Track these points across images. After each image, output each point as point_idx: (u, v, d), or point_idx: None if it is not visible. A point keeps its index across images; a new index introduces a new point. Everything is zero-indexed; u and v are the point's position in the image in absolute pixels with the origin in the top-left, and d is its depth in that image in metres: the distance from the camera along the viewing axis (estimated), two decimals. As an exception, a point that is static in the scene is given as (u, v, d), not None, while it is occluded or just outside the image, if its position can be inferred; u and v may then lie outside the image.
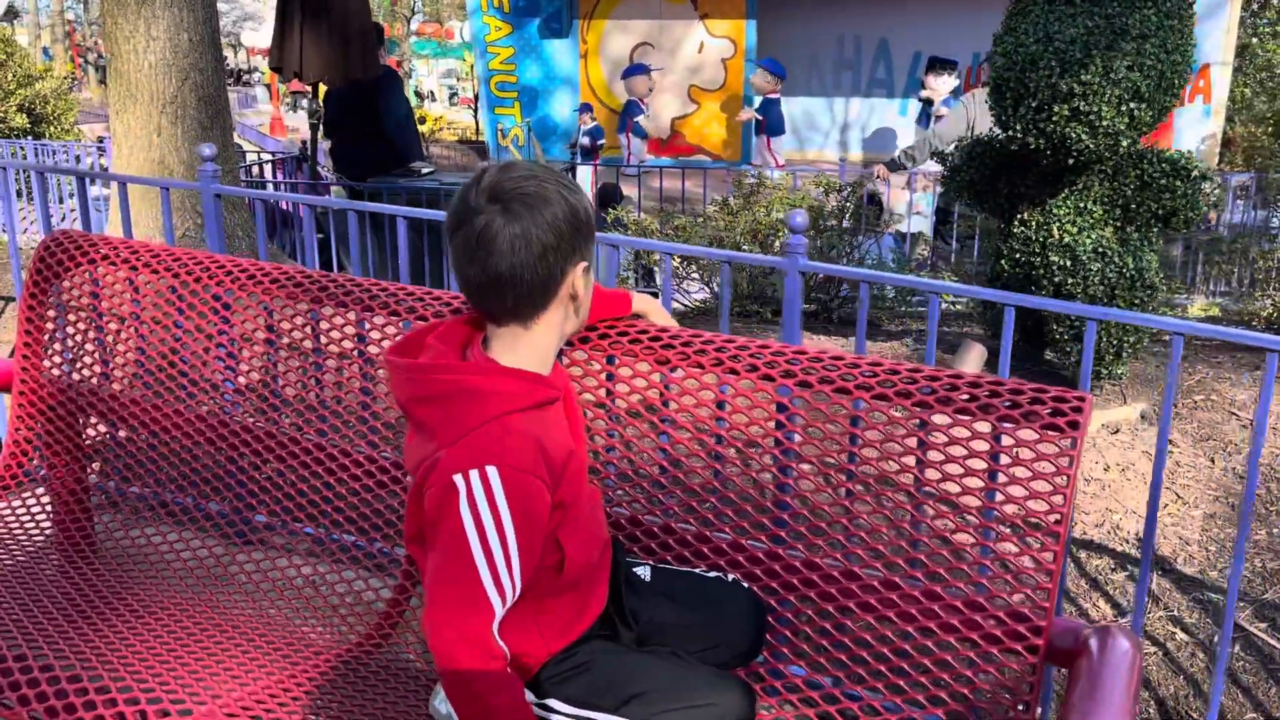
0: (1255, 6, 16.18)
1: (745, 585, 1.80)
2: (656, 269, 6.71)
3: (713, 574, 1.80)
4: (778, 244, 5.49)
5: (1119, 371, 3.25)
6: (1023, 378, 3.05)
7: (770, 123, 12.44)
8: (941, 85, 12.01)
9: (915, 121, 13.06)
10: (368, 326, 2.38)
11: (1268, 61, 15.11)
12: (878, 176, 7.02)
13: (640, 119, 12.34)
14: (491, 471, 1.27)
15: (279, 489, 2.39)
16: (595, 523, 1.59)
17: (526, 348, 1.42)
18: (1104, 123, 2.80)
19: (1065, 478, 1.71)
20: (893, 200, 7.11)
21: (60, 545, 2.69)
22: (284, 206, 7.40)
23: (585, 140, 12.35)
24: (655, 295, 6.48)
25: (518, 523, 1.28)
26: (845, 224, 5.13)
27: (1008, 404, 1.81)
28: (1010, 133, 2.99)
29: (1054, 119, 2.83)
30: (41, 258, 2.58)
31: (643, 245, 2.86)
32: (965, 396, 1.82)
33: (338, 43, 6.03)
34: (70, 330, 2.59)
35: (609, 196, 8.00)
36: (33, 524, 2.75)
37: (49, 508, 2.70)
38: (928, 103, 12.41)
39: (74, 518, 2.68)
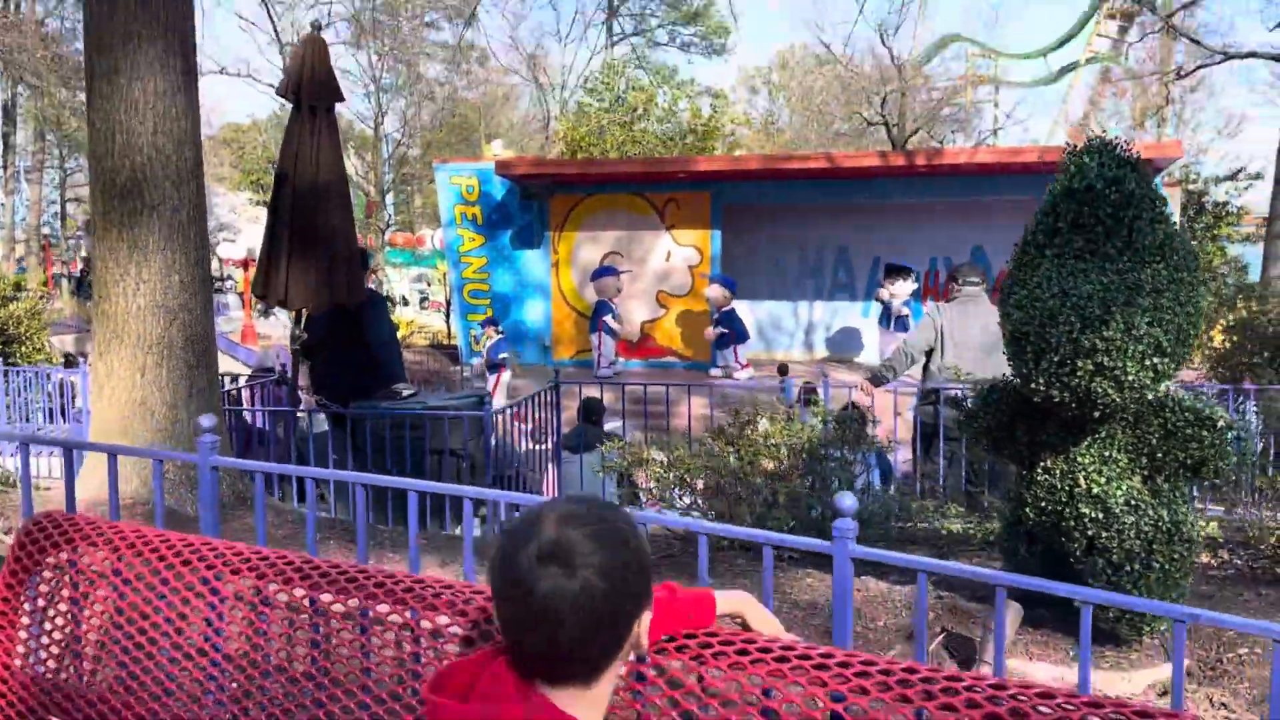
0: (1192, 212, 17.10)
1: None
2: (641, 493, 6.56)
3: None
4: (769, 465, 5.41)
5: (1161, 626, 3.11)
6: (1051, 611, 2.86)
7: (736, 331, 12.82)
8: (900, 289, 12.47)
9: (878, 323, 13.45)
10: (374, 619, 2.19)
11: (1209, 263, 15.83)
12: (861, 390, 7.06)
13: (608, 318, 12.64)
14: None
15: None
16: None
17: (588, 702, 1.29)
18: (1129, 377, 2.77)
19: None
20: (878, 413, 7.12)
21: None
22: (259, 424, 7.24)
23: (480, 360, 12.97)
24: (639, 507, 6.29)
25: None
26: (841, 451, 5.06)
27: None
28: (1033, 385, 2.96)
29: (1078, 374, 2.80)
30: (21, 544, 2.38)
31: (677, 524, 2.72)
32: (1055, 717, 1.66)
33: (324, 270, 6.05)
34: (48, 626, 2.37)
35: (592, 410, 7.95)
36: None
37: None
38: (886, 305, 12.86)
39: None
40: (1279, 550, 4.55)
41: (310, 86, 6.04)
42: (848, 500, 2.09)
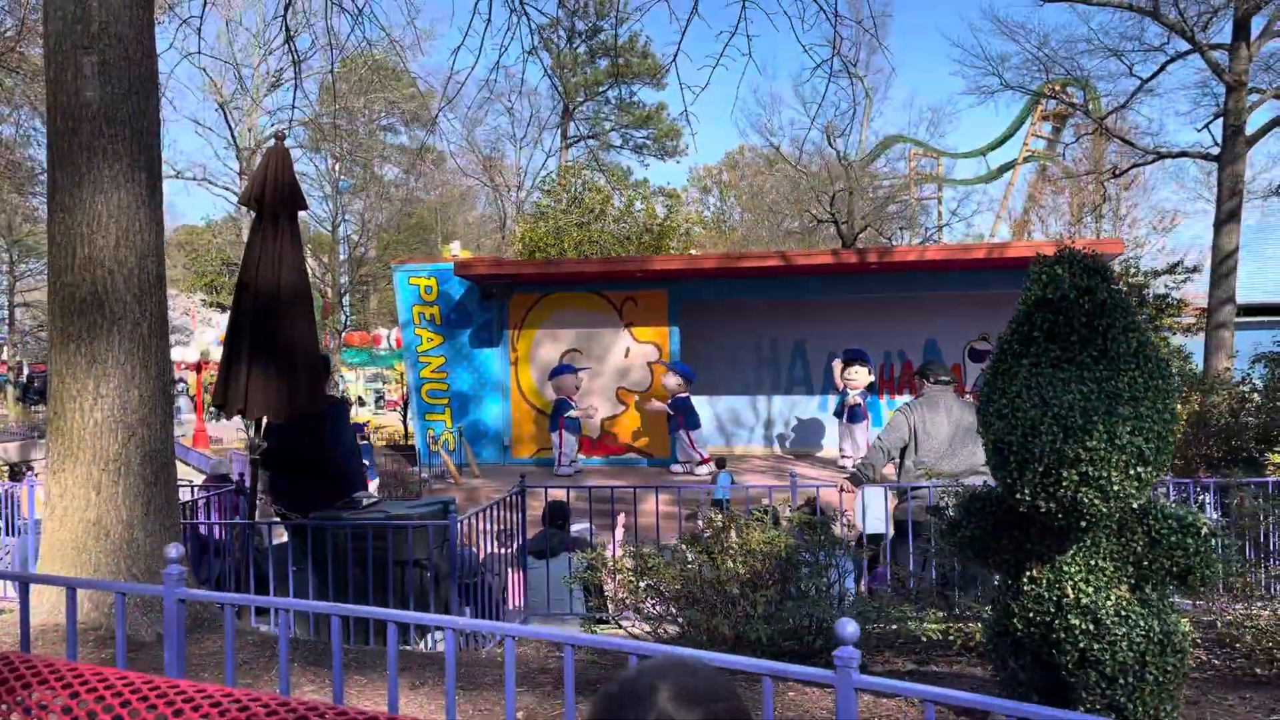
0: (1134, 304, 17.56)
1: None
2: (611, 602, 6.41)
3: None
4: (744, 573, 5.32)
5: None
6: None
7: (687, 418, 12.83)
8: (858, 378, 12.59)
9: (834, 414, 13.53)
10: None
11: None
12: (842, 490, 7.11)
13: (571, 413, 12.59)
14: None
15: None
16: None
17: None
18: (1114, 487, 2.78)
19: None
20: (849, 510, 7.10)
21: None
22: (217, 535, 7.01)
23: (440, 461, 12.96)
24: (603, 621, 6.09)
25: None
26: (818, 557, 5.00)
27: None
28: (1018, 496, 2.95)
29: (1063, 484, 2.80)
30: (-28, 691, 2.22)
31: (683, 653, 2.62)
32: None
33: (284, 380, 5.94)
34: (-3, 783, 2.20)
35: (557, 514, 7.81)
36: None
37: None
38: (842, 395, 12.97)
39: None
40: (1256, 649, 4.54)
41: (273, 195, 6.03)
42: (849, 628, 2.04)
